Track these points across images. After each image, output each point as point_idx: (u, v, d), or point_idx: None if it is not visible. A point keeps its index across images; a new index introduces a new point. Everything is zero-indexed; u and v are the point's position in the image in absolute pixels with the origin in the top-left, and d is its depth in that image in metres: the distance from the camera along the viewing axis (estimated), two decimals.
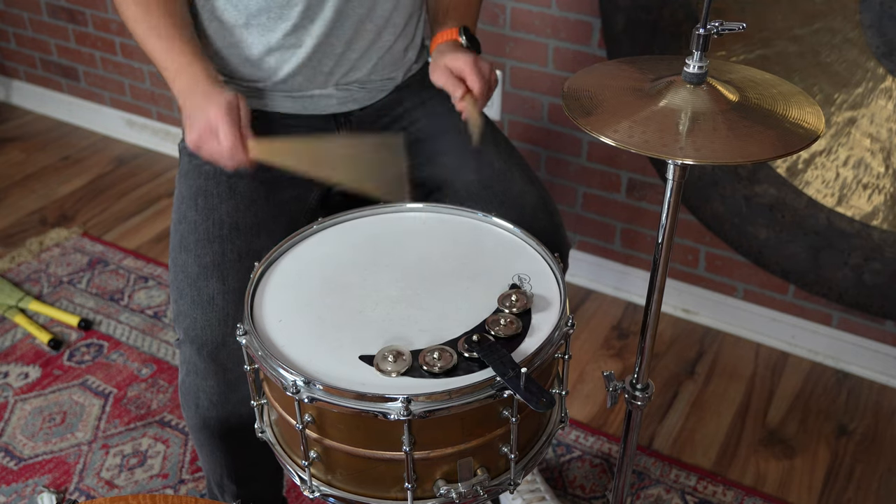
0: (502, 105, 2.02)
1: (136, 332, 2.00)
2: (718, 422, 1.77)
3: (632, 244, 2.05)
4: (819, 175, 1.61)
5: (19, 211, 2.49)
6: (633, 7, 1.62)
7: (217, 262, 1.16)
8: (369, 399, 0.87)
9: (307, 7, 1.23)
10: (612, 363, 1.92)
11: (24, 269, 2.22)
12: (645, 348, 1.02)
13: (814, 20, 1.50)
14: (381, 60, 1.33)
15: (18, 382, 1.86)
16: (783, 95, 0.89)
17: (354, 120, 1.36)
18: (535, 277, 1.04)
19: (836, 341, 1.89)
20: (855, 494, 1.61)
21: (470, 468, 0.94)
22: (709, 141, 0.81)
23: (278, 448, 1.03)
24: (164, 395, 1.83)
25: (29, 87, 3.00)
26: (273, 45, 1.26)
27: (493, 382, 0.88)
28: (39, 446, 1.71)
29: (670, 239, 0.94)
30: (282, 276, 1.06)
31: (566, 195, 2.06)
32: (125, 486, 1.63)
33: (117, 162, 2.74)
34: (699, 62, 0.86)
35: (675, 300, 2.05)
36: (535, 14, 1.87)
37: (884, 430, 1.75)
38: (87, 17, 2.65)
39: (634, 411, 1.07)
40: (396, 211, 1.19)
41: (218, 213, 1.20)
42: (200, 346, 1.12)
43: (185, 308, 1.14)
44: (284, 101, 1.32)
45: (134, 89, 2.73)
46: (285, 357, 0.93)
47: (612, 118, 0.85)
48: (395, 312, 0.99)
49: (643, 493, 1.61)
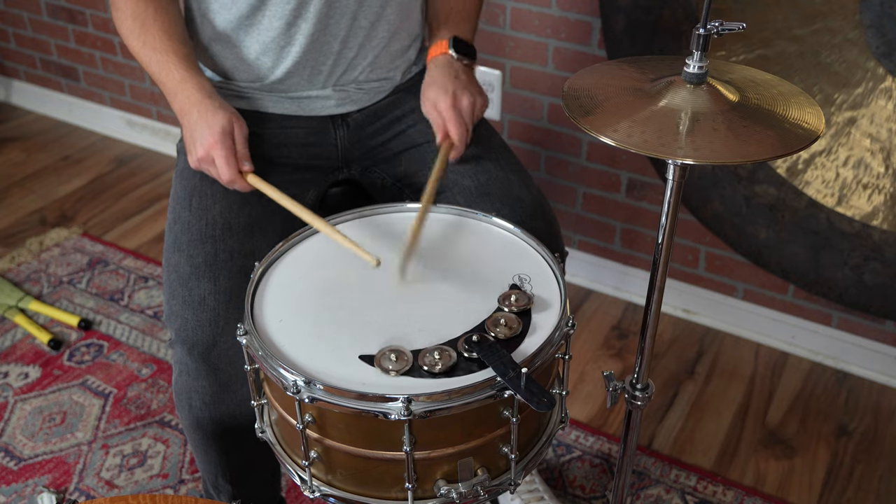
0: (502, 105, 2.02)
1: (136, 332, 2.00)
2: (718, 422, 1.77)
3: (632, 244, 2.05)
4: (819, 175, 1.61)
5: (19, 211, 2.49)
6: (633, 7, 1.62)
7: (209, 263, 1.16)
8: (370, 399, 0.87)
9: (298, 4, 1.23)
10: (612, 363, 1.92)
11: (24, 269, 2.22)
12: (645, 348, 1.02)
13: (814, 20, 1.50)
14: (378, 59, 1.33)
15: (18, 382, 1.86)
16: (783, 95, 0.89)
17: (352, 122, 1.36)
18: (535, 277, 1.04)
19: (836, 341, 1.89)
20: (855, 494, 1.61)
21: (470, 468, 0.94)
22: (708, 141, 0.81)
23: (278, 448, 1.03)
24: (164, 395, 1.83)
25: (29, 87, 3.00)
26: (267, 45, 1.26)
27: (493, 382, 0.88)
28: (39, 446, 1.71)
29: (670, 239, 0.94)
30: (282, 276, 1.06)
31: (566, 195, 2.06)
32: (125, 486, 1.63)
33: (117, 162, 2.74)
34: (699, 62, 0.86)
35: (675, 300, 2.05)
36: (535, 14, 1.87)
37: (884, 430, 1.75)
38: (87, 17, 2.65)
39: (634, 411, 1.07)
40: (396, 211, 1.19)
41: (211, 213, 1.21)
42: (192, 347, 1.12)
43: (177, 308, 1.14)
44: (282, 103, 1.32)
45: (134, 89, 2.73)
46: (286, 357, 0.93)
47: (611, 118, 0.84)
48: (395, 312, 0.99)
49: (643, 493, 1.61)
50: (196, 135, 1.15)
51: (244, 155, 1.16)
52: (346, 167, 1.39)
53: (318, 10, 1.24)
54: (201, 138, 1.14)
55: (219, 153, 1.13)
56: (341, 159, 1.37)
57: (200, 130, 1.15)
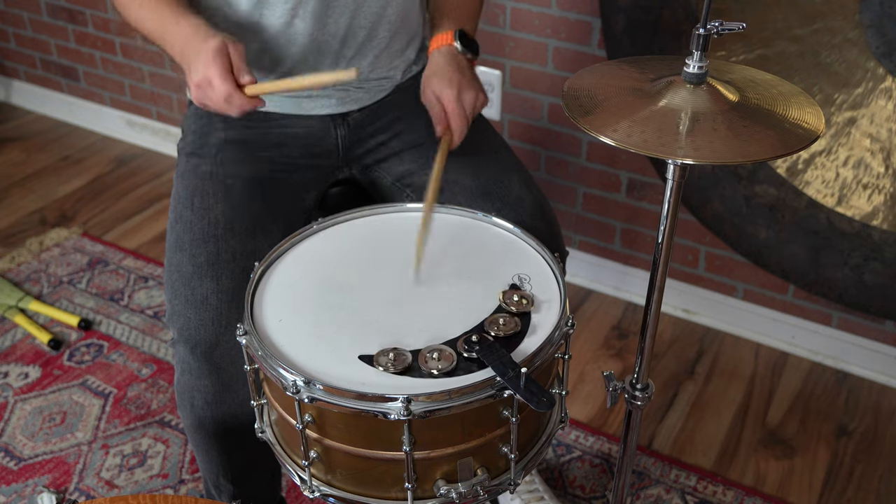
0: (502, 105, 2.02)
1: (136, 332, 2.00)
2: (718, 422, 1.77)
3: (632, 244, 2.05)
4: (819, 175, 1.61)
5: (19, 211, 2.49)
6: (633, 7, 1.62)
7: (211, 262, 1.16)
8: (369, 399, 0.87)
9: (295, 4, 1.22)
10: (612, 363, 1.92)
11: (24, 269, 2.22)
12: (645, 348, 1.02)
13: (814, 20, 1.50)
14: (378, 59, 1.33)
15: (18, 382, 1.86)
16: (783, 95, 0.89)
17: (352, 121, 1.36)
18: (535, 277, 1.04)
19: (836, 341, 1.89)
20: (855, 494, 1.61)
21: (470, 468, 0.94)
22: (708, 141, 0.81)
23: (278, 448, 1.03)
24: (164, 395, 1.82)
25: (29, 87, 3.00)
26: (266, 44, 1.26)
27: (493, 382, 0.88)
28: (39, 446, 1.71)
29: (670, 239, 0.94)
30: (282, 276, 1.06)
31: (566, 195, 2.06)
32: (125, 486, 1.63)
33: (117, 162, 2.74)
34: (699, 62, 0.86)
35: (675, 300, 2.05)
36: (534, 14, 1.87)
37: (884, 430, 1.75)
38: (87, 17, 2.65)
39: (634, 411, 1.07)
40: (396, 211, 1.19)
41: (213, 212, 1.20)
42: (194, 346, 1.12)
43: (179, 307, 1.14)
44: (282, 101, 1.32)
45: (134, 89, 2.73)
46: (285, 357, 0.93)
47: (611, 118, 0.84)
48: (395, 312, 0.99)
49: (643, 493, 1.61)
50: (192, 62, 1.10)
51: (241, 68, 1.09)
52: (346, 166, 1.39)
53: (315, 11, 1.24)
54: (195, 63, 1.09)
55: (213, 71, 1.07)
56: (342, 158, 1.37)
57: (195, 57, 1.10)
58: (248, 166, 1.29)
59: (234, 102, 1.08)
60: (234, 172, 1.27)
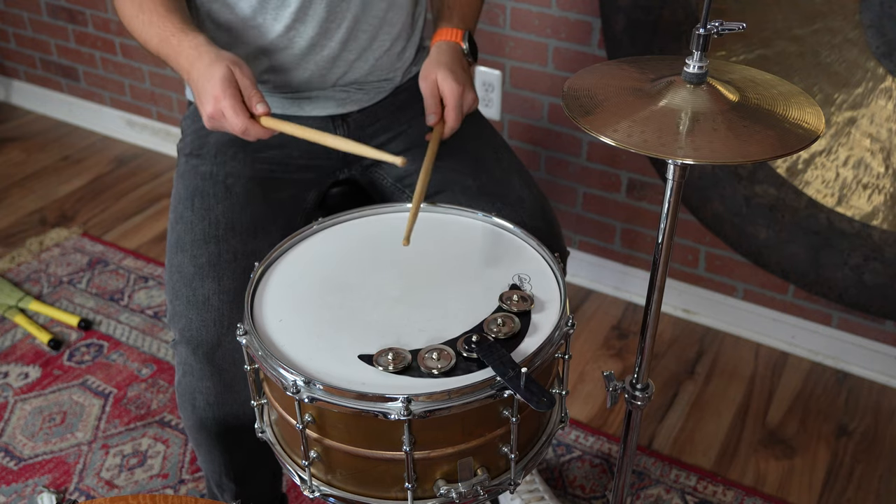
0: (502, 105, 2.02)
1: (136, 332, 2.00)
2: (718, 422, 1.77)
3: (632, 244, 2.05)
4: (819, 175, 1.61)
5: (19, 211, 2.49)
6: (633, 7, 1.62)
7: (213, 263, 1.16)
8: (370, 399, 0.87)
9: (300, 7, 1.23)
10: (612, 363, 1.92)
11: (24, 269, 2.22)
12: (645, 348, 1.02)
13: (814, 20, 1.50)
14: (379, 62, 1.33)
15: (18, 382, 1.86)
16: (783, 95, 0.89)
17: (352, 122, 1.36)
18: (535, 277, 1.04)
19: (836, 341, 1.89)
20: (855, 494, 1.61)
21: (470, 468, 0.94)
22: (708, 141, 0.81)
23: (278, 448, 1.03)
24: (164, 395, 1.83)
25: (29, 87, 3.00)
26: (268, 47, 1.26)
27: (493, 382, 0.88)
28: (39, 446, 1.71)
29: (670, 239, 0.94)
30: (282, 276, 1.06)
31: (566, 195, 2.06)
32: (125, 486, 1.63)
33: (117, 162, 2.74)
34: (699, 62, 0.86)
35: (675, 300, 2.05)
36: (534, 14, 1.87)
37: (884, 430, 1.75)
38: (87, 17, 2.65)
39: (634, 411, 1.07)
40: (396, 211, 1.19)
41: (214, 213, 1.20)
42: (196, 347, 1.12)
43: (181, 308, 1.14)
44: (282, 103, 1.32)
45: (134, 89, 2.73)
46: (285, 357, 0.93)
47: (611, 118, 0.84)
48: (395, 312, 0.99)
49: (643, 493, 1.61)
50: (201, 93, 1.10)
51: (254, 97, 1.09)
52: (346, 167, 1.39)
53: (320, 14, 1.24)
54: (205, 94, 1.09)
55: (225, 104, 1.07)
56: (341, 159, 1.37)
57: (203, 87, 1.09)
58: (248, 166, 1.29)
59: (251, 134, 1.09)
60: (234, 173, 1.27)
